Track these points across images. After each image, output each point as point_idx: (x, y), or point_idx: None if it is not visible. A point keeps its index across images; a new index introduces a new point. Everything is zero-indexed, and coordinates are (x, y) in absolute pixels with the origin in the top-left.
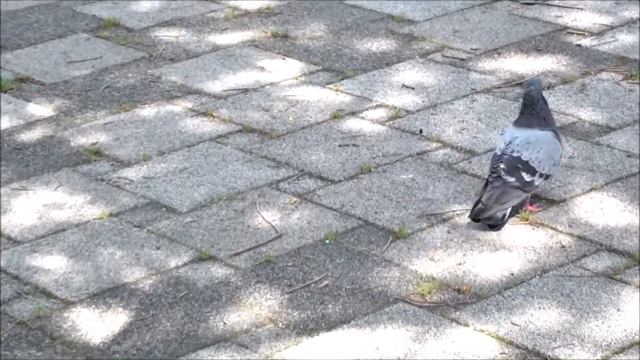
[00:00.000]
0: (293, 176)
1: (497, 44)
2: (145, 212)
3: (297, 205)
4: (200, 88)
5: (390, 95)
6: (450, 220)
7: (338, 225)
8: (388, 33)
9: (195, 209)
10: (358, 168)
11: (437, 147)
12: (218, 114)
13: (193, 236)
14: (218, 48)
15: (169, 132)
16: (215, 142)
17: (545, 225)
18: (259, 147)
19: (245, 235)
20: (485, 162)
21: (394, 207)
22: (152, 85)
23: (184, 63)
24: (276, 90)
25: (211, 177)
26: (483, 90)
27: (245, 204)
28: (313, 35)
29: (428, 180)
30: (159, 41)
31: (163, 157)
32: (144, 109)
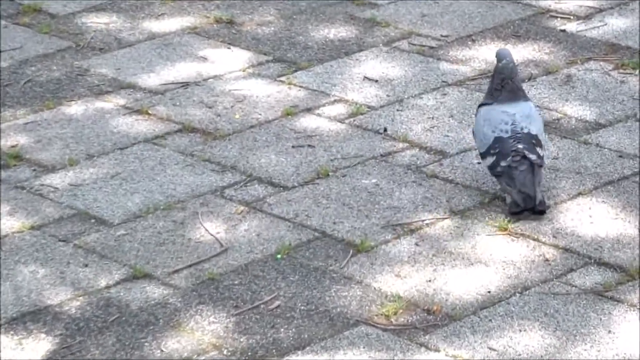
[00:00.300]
0: (240, 182)
1: (470, 30)
2: (72, 224)
3: (245, 215)
4: (134, 82)
5: (351, 89)
6: (419, 231)
7: (291, 237)
8: (347, 18)
9: (128, 221)
10: (314, 172)
11: (404, 148)
12: (154, 112)
13: (126, 251)
14: (154, 36)
15: (99, 132)
16: (152, 143)
17: (526, 236)
18: (202, 149)
19: (185, 250)
20: (458, 164)
21: (354, 217)
22: (80, 79)
23: (115, 53)
24: (220, 84)
25: (147, 183)
26: (455, 83)
27: (186, 214)
28: (262, 21)
29: (393, 186)
30: (86, 29)
31: (92, 161)
32: (70, 106)
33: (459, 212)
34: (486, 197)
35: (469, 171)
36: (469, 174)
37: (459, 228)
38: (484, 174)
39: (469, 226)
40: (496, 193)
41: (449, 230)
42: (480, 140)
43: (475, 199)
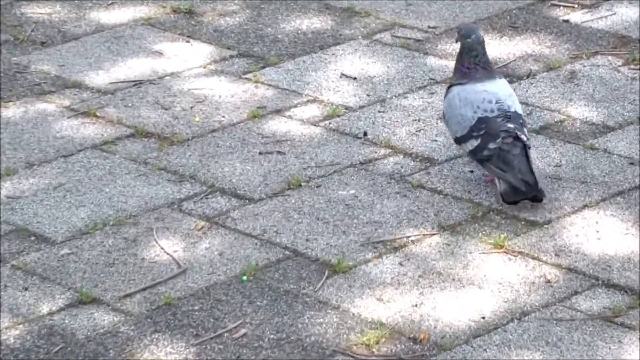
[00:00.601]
0: (200, 194)
1: (461, 21)
2: (9, 241)
3: (206, 231)
4: (80, 80)
5: (326, 87)
6: (404, 248)
7: (259, 256)
8: (322, 7)
9: (73, 238)
10: (284, 182)
11: (386, 154)
12: (103, 114)
13: (71, 273)
14: (103, 28)
15: (40, 137)
16: (100, 150)
17: (525, 254)
18: (157, 156)
19: (138, 271)
20: (447, 172)
21: (330, 233)
22: (18, 76)
23: (59, 48)
24: (178, 83)
25: (94, 195)
26: (444, 80)
27: (139, 230)
28: (225, 11)
29: (374, 197)
30: (26, 20)
31: (32, 170)
32: (8, 107)
33: (449, 227)
34: (479, 210)
35: (459, 181)
36: (459, 183)
37: (448, 245)
38: (476, 184)
39: (460, 243)
40: (491, 205)
41: (438, 248)
42: (458, 123)
43: (467, 212)
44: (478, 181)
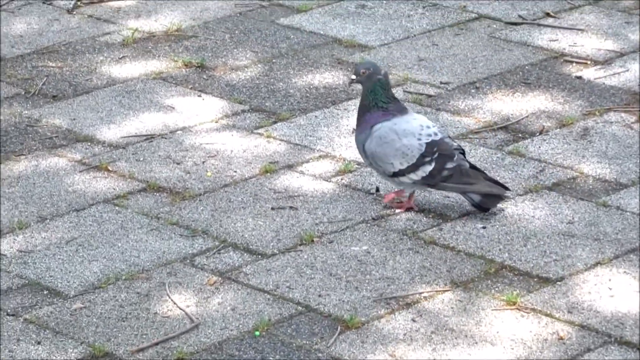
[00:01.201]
0: (212, 249)
1: (474, 76)
2: (22, 296)
3: (218, 286)
4: (91, 134)
5: (338, 143)
6: (416, 305)
7: (271, 311)
8: (334, 62)
9: (86, 292)
10: (297, 238)
11: (399, 211)
12: (115, 168)
13: (84, 327)
14: (114, 82)
15: (52, 191)
16: (112, 204)
17: (537, 311)
18: (169, 210)
19: (151, 326)
20: (460, 229)
21: (343, 289)
22: (30, 130)
23: (70, 102)
24: (190, 137)
25: (107, 250)
26: (457, 136)
27: (151, 284)
28: (237, 66)
29: (387, 254)
30: (38, 73)
31: (44, 224)
32: (19, 161)
33: (462, 283)
34: (492, 267)
35: (472, 237)
36: (472, 240)
37: (461, 302)
38: (489, 240)
39: (473, 300)
40: (503, 262)
41: (450, 304)
42: (402, 155)
43: (479, 268)
44: (490, 237)
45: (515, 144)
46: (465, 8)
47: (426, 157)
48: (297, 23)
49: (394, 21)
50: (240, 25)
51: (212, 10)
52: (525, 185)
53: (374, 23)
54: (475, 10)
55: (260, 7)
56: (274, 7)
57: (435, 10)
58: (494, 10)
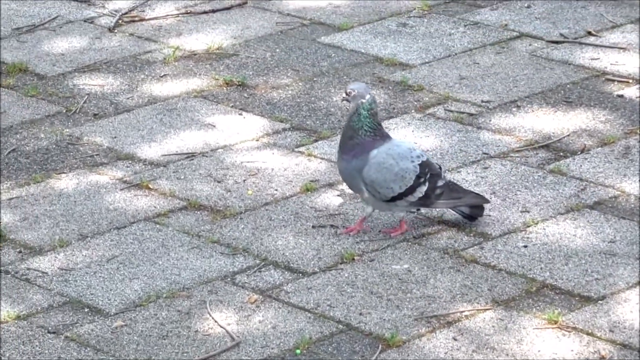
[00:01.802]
0: (253, 267)
1: (515, 95)
2: (63, 313)
3: (259, 304)
4: (132, 152)
5: None
6: (457, 323)
7: (312, 330)
8: (375, 81)
9: (127, 310)
10: (337, 256)
11: (440, 229)
12: (156, 186)
13: (125, 345)
14: (155, 100)
15: (93, 209)
16: (153, 222)
17: (579, 330)
18: (210, 228)
19: (192, 344)
20: (501, 247)
21: (384, 307)
22: (71, 148)
23: (111, 120)
24: (231, 155)
25: (148, 268)
26: (498, 155)
27: (192, 302)
28: (278, 84)
29: (428, 272)
30: (79, 91)
31: (85, 242)
32: (61, 179)
33: (503, 302)
34: (533, 286)
35: (513, 256)
36: (513, 259)
37: (502, 320)
38: (530, 259)
39: (514, 318)
40: (545, 280)
41: (492, 323)
42: (401, 179)
43: (520, 287)
44: (532, 256)
45: (556, 163)
46: (506, 27)
47: (421, 178)
48: (338, 41)
49: (435, 39)
50: (281, 43)
51: (254, 29)
52: (566, 204)
53: (415, 41)
54: (516, 29)
55: (301, 26)
56: (315, 25)
57: (477, 28)
58: (536, 28)
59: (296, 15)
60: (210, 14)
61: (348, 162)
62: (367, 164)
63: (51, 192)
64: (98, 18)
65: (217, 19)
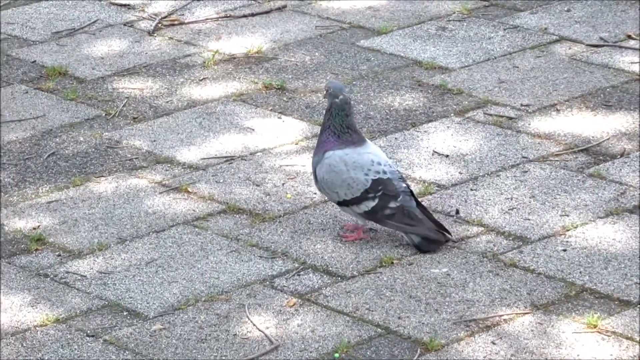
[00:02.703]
0: (292, 270)
1: (554, 99)
2: (102, 317)
3: (298, 307)
4: (171, 156)
5: (418, 165)
6: (496, 327)
7: (351, 334)
8: (414, 84)
9: (165, 313)
10: (376, 260)
11: (479, 233)
12: (195, 190)
13: (163, 348)
14: (195, 104)
15: (132, 213)
16: (192, 226)
17: (618, 334)
18: (248, 232)
19: (230, 347)
20: (540, 251)
21: (422, 311)
22: (110, 152)
23: (150, 123)
24: (270, 159)
25: (186, 271)
26: (537, 159)
27: (231, 306)
28: (317, 87)
29: (467, 276)
30: (118, 95)
31: (124, 245)
32: (100, 183)
33: (542, 306)
34: (572, 290)
35: (552, 260)
36: (552, 263)
37: (541, 325)
38: (569, 263)
39: (553, 322)
40: (584, 285)
41: (530, 327)
42: (348, 187)
43: (559, 291)
44: (571, 260)
45: (596, 167)
46: (546, 30)
47: (370, 193)
48: (378, 45)
49: (475, 43)
50: (320, 47)
51: (293, 33)
52: (606, 207)
53: (454, 45)
54: (556, 33)
55: (340, 29)
56: (355, 29)
57: (516, 32)
58: (575, 32)
59: (335, 18)
60: (249, 17)
61: (314, 155)
62: (321, 162)
63: (90, 195)
64: (137, 22)
65: (256, 22)
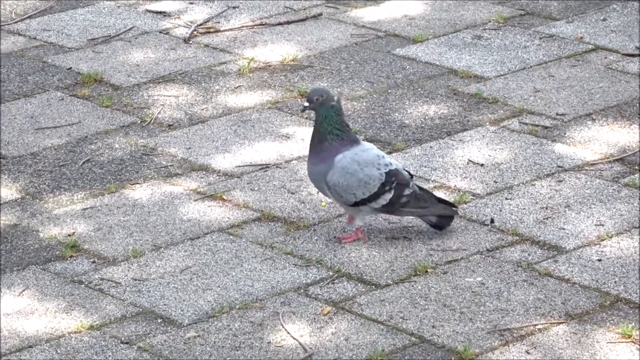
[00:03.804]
0: (326, 278)
1: (590, 108)
2: (136, 324)
3: (332, 316)
4: (206, 163)
5: (453, 173)
6: (530, 337)
7: (385, 342)
8: (450, 93)
9: (200, 321)
10: (411, 269)
11: (513, 242)
12: (230, 197)
13: (197, 356)
14: (230, 111)
15: (167, 220)
16: (227, 233)
17: None
18: (283, 240)
19: (264, 355)
20: (575, 261)
21: (457, 320)
22: (145, 159)
23: (185, 131)
24: (304, 167)
25: (221, 279)
26: (573, 168)
27: (265, 314)
28: (352, 96)
29: (501, 285)
30: (153, 102)
31: (159, 253)
32: (135, 190)
33: (577, 316)
34: (607, 300)
35: (587, 269)
36: (587, 272)
37: (576, 334)
38: (604, 273)
39: (588, 332)
40: (619, 294)
41: (565, 337)
42: (365, 185)
43: (594, 301)
44: (606, 270)
45: (631, 176)
46: (582, 39)
47: (386, 186)
48: (413, 53)
49: (510, 52)
50: (356, 55)
51: (328, 41)
52: None
53: (490, 54)
54: (592, 42)
55: (376, 38)
56: (390, 37)
57: (552, 41)
58: (611, 41)
59: (371, 27)
60: (285, 25)
61: (316, 165)
62: (331, 168)
63: (125, 202)
64: (173, 29)
65: (291, 30)
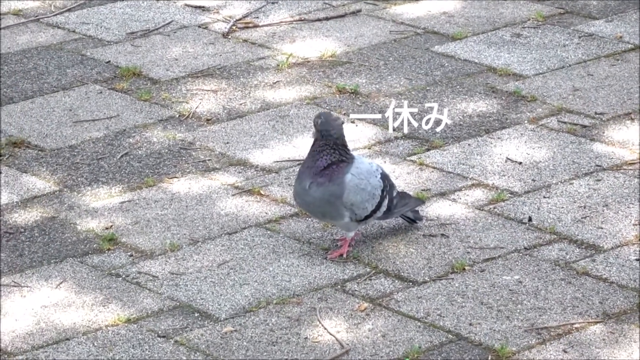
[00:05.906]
0: (364, 275)
1: (629, 107)
2: (173, 317)
3: (369, 312)
4: (244, 158)
5: (491, 171)
6: (567, 335)
7: (422, 339)
8: (488, 91)
9: (237, 315)
10: (448, 266)
11: (551, 240)
12: (268, 193)
13: (234, 350)
14: (268, 106)
15: (205, 214)
16: (264, 228)
17: None
18: (320, 235)
19: (301, 351)
20: (613, 260)
21: (494, 318)
22: (183, 153)
23: (224, 125)
24: None
25: (258, 274)
26: (611, 167)
27: (302, 309)
28: (391, 92)
29: (539, 284)
30: (192, 96)
31: (196, 247)
32: (172, 184)
33: (614, 315)
34: None
35: (625, 269)
36: (625, 272)
37: (613, 334)
38: None
39: (625, 332)
40: None
41: (602, 336)
42: (372, 196)
43: (632, 300)
44: None
45: None
46: (621, 39)
47: (384, 190)
48: (452, 51)
49: (549, 51)
50: (394, 52)
51: (367, 37)
52: None
53: (529, 52)
54: (631, 41)
55: (415, 35)
56: (429, 34)
57: (591, 40)
58: None
59: (410, 24)
60: (323, 21)
61: (323, 187)
62: (345, 188)
63: (163, 196)
64: (212, 24)
65: (330, 26)
